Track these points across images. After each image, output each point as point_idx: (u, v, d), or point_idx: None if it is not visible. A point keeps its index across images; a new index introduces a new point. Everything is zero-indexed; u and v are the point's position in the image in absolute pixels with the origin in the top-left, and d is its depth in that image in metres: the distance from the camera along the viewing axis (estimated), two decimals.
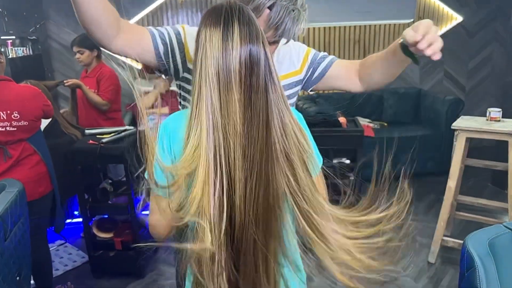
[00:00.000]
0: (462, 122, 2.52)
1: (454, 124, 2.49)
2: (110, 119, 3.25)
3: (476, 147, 2.89)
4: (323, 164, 1.06)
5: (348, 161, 2.73)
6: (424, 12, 4.59)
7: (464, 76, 4.88)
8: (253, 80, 0.88)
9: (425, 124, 4.35)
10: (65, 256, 2.98)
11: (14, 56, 3.98)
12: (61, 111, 3.08)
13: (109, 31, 1.08)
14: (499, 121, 2.47)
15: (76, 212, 3.14)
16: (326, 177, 1.07)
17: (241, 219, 0.90)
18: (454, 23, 4.70)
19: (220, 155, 0.88)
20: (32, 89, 2.21)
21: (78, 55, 3.06)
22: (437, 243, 2.66)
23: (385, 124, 4.40)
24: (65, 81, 3.03)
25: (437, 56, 0.98)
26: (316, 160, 1.03)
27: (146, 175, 1.03)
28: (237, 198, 0.89)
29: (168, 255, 2.82)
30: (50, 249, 3.05)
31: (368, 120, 4.31)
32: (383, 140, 3.93)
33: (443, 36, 4.68)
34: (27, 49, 4.16)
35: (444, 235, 2.67)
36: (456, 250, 2.78)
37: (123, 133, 2.54)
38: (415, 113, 4.53)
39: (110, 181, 2.79)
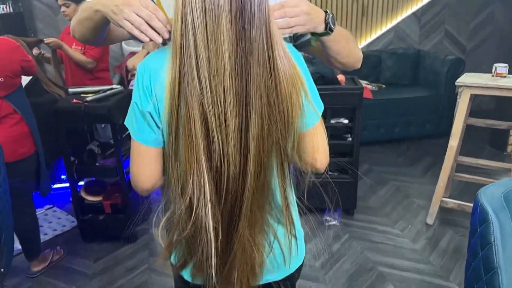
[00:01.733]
0: (467, 79, 2.40)
1: (458, 80, 2.38)
2: (98, 79, 3.08)
3: (475, 111, 2.78)
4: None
5: (346, 121, 2.61)
6: None
7: (465, 36, 4.72)
8: (247, 7, 0.74)
9: (424, 85, 4.23)
10: (54, 221, 2.90)
11: None
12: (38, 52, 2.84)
13: (102, 38, 1.09)
14: (505, 77, 2.35)
15: (63, 176, 3.03)
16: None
17: (235, 169, 0.80)
18: None
19: (207, 98, 0.76)
20: (9, 42, 2.04)
21: (63, 8, 2.83)
22: (436, 204, 2.59)
23: (383, 86, 4.27)
24: (45, 40, 2.84)
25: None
26: (314, 106, 0.91)
27: (125, 122, 0.92)
28: (230, 146, 0.78)
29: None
30: (39, 213, 2.97)
31: (365, 82, 4.17)
32: (381, 102, 3.82)
33: None
34: (7, 6, 3.92)
35: (443, 197, 2.60)
36: (455, 211, 2.73)
37: (109, 92, 2.40)
38: (414, 74, 4.40)
39: (97, 143, 2.67)
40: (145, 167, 0.90)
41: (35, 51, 2.74)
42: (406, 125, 4.01)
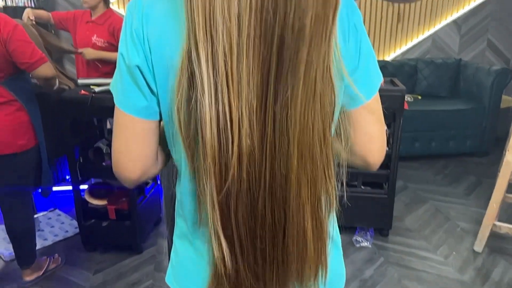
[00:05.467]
0: None
1: None
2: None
3: None
4: None
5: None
6: None
7: (510, 47, 4.35)
8: None
9: (465, 98, 3.87)
10: (56, 225, 2.66)
11: (14, 5, 3.64)
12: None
13: None
14: None
15: (68, 177, 2.81)
16: None
17: (251, 143, 0.53)
18: None
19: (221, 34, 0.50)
20: (6, 20, 1.72)
21: None
22: (487, 228, 2.24)
23: (419, 96, 3.94)
24: (79, 50, 2.60)
25: None
26: (367, 74, 0.64)
27: (110, 86, 0.66)
28: (243, 107, 0.52)
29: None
30: (41, 216, 2.76)
31: None
32: (417, 114, 3.45)
33: (488, 1, 4.17)
34: (29, 1, 3.80)
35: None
36: (507, 238, 2.37)
37: None
38: (454, 85, 4.04)
39: (107, 141, 2.44)
40: (132, 147, 0.64)
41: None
42: (445, 140, 3.65)
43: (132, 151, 0.64)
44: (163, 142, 0.70)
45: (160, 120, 0.65)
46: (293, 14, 0.48)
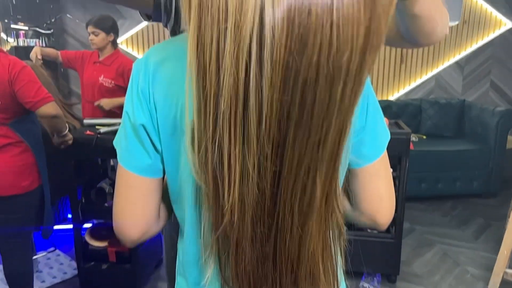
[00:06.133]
0: None
1: None
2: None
3: None
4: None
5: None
6: (470, 16, 4.15)
7: None
8: None
9: (470, 138, 3.86)
10: (55, 266, 2.60)
11: (25, 45, 3.75)
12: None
13: None
14: None
15: (70, 216, 2.77)
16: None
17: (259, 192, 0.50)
18: (503, 29, 4.24)
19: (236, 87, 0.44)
20: (14, 61, 1.76)
21: (92, 37, 2.70)
22: (498, 276, 2.16)
23: (424, 136, 3.93)
24: (96, 103, 2.64)
25: None
26: (374, 133, 0.64)
27: (114, 141, 0.66)
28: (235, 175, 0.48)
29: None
30: (41, 257, 2.71)
31: None
32: (423, 154, 3.42)
33: (490, 43, 4.24)
34: (40, 41, 3.91)
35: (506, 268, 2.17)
36: None
37: None
38: (458, 126, 4.04)
39: (110, 181, 2.42)
40: (134, 207, 0.63)
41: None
42: (451, 181, 3.61)
43: (134, 210, 0.63)
44: (165, 197, 0.68)
45: (163, 176, 0.64)
46: (325, 56, 0.42)
